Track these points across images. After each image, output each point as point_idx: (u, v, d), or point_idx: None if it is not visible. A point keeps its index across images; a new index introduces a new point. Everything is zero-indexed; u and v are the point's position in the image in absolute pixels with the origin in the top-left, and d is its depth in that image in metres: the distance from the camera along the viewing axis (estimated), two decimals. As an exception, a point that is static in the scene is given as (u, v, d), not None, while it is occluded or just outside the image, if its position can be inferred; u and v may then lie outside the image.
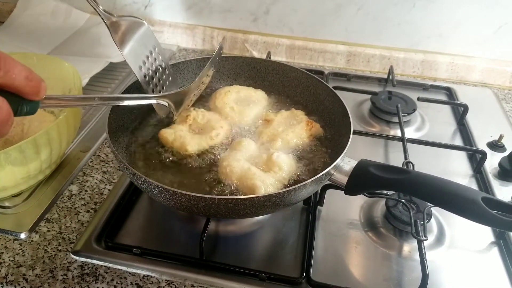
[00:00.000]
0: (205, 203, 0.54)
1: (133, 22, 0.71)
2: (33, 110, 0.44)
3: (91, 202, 0.74)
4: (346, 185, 0.61)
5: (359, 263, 0.66)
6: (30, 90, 0.41)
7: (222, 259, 0.64)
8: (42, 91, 0.43)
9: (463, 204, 0.53)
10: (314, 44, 1.21)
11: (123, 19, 0.70)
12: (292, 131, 0.73)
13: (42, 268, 0.63)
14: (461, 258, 0.68)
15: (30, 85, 0.41)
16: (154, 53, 0.75)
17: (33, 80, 0.41)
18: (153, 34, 0.75)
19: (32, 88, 0.42)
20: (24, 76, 0.40)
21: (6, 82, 0.39)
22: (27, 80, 0.41)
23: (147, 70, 0.72)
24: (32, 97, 0.42)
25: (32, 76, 0.41)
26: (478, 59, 1.16)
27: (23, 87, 0.41)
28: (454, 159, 0.88)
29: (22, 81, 0.40)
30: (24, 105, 0.42)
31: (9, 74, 0.39)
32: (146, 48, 0.73)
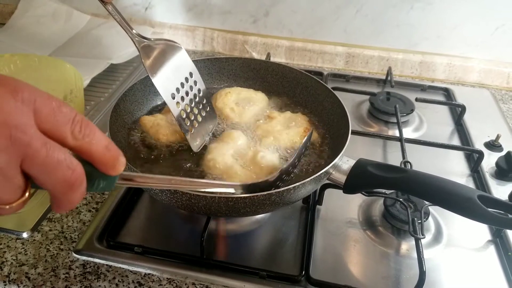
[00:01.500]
0: (206, 202, 0.55)
1: (168, 46, 0.66)
2: (109, 187, 0.39)
3: (93, 201, 0.75)
4: (345, 184, 0.62)
5: (358, 261, 0.67)
6: (107, 161, 0.37)
7: (222, 257, 0.65)
8: (120, 166, 0.38)
9: (459, 202, 0.54)
10: (313, 46, 1.22)
11: (157, 43, 0.65)
12: (286, 132, 0.74)
13: (45, 266, 0.64)
14: (458, 256, 0.69)
15: (108, 155, 0.37)
16: (190, 80, 0.69)
17: (112, 151, 0.37)
18: (190, 60, 0.70)
19: (110, 160, 0.37)
20: (103, 145, 0.36)
21: (83, 147, 0.35)
22: (105, 150, 0.36)
23: (181, 99, 0.66)
24: (108, 170, 0.37)
25: (111, 147, 0.37)
26: (476, 60, 1.17)
27: (101, 157, 0.36)
28: (451, 158, 0.89)
29: (100, 149, 0.36)
30: (101, 180, 0.38)
31: (89, 139, 0.35)
32: (181, 75, 0.67)
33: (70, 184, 0.34)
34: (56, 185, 0.34)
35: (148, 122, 0.76)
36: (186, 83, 0.68)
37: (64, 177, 0.33)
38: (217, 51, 1.28)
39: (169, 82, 0.65)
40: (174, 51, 0.67)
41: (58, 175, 0.33)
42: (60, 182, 0.34)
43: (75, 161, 0.34)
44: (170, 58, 0.66)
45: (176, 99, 0.66)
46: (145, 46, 0.65)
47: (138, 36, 0.65)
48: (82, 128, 0.35)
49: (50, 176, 0.33)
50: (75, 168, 0.34)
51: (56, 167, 0.33)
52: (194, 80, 0.70)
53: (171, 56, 0.66)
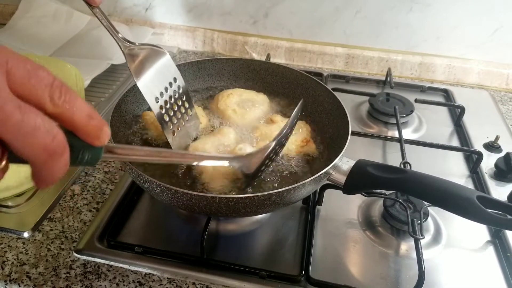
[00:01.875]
0: (206, 202, 0.55)
1: (153, 51, 0.67)
2: (94, 160, 0.36)
3: (93, 201, 0.75)
4: (344, 184, 0.62)
5: (357, 261, 0.67)
6: (91, 130, 0.34)
7: (222, 257, 0.65)
8: (105, 136, 0.35)
9: (458, 202, 0.55)
10: (313, 47, 1.22)
11: (142, 48, 0.66)
12: None
13: (45, 266, 0.64)
14: (457, 256, 0.69)
15: (91, 124, 0.34)
16: (174, 85, 0.70)
17: (96, 119, 0.35)
18: (174, 65, 0.70)
19: (93, 129, 0.34)
20: (86, 112, 0.34)
21: (64, 115, 0.33)
22: (88, 118, 0.34)
23: (164, 103, 0.68)
24: (91, 139, 0.35)
25: (95, 115, 0.35)
26: (475, 61, 1.17)
27: (83, 126, 0.34)
28: (451, 159, 0.89)
29: (83, 117, 0.34)
30: (85, 152, 0.35)
31: (69, 106, 0.33)
32: (165, 79, 0.69)
33: (51, 151, 0.31)
34: (34, 153, 0.31)
35: (150, 118, 0.77)
36: (170, 88, 0.70)
37: (44, 144, 0.31)
38: (217, 52, 1.28)
39: (153, 85, 0.66)
40: (158, 56, 0.68)
41: (36, 142, 0.30)
42: (39, 150, 0.31)
43: (55, 127, 0.32)
44: (154, 63, 0.67)
45: (160, 103, 0.67)
46: (131, 51, 0.66)
47: (124, 40, 0.66)
48: (62, 93, 0.32)
49: (27, 142, 0.30)
50: (56, 134, 0.32)
51: (33, 132, 0.30)
52: (178, 85, 0.71)
53: (155, 60, 0.67)
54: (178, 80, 0.71)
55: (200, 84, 0.89)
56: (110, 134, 0.37)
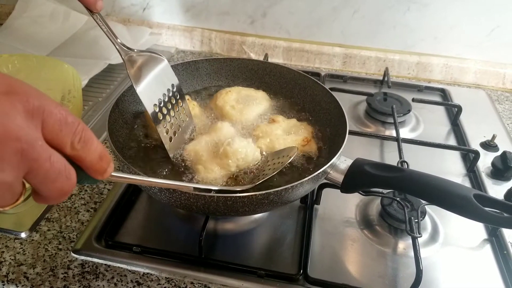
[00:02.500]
0: (204, 201, 0.55)
1: (151, 57, 0.68)
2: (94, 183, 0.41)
3: (91, 201, 0.75)
4: (342, 183, 0.62)
5: (355, 260, 0.67)
6: (99, 169, 0.38)
7: (221, 256, 0.65)
8: (109, 172, 0.39)
9: (455, 201, 0.55)
10: (310, 46, 1.22)
11: (141, 54, 0.67)
12: (284, 138, 0.74)
13: (43, 266, 0.64)
14: (454, 255, 0.69)
15: (100, 165, 0.38)
16: (172, 91, 0.71)
17: (104, 160, 0.38)
18: (172, 71, 0.72)
19: (101, 168, 0.38)
20: (98, 154, 0.37)
21: (79, 156, 0.36)
22: (99, 159, 0.37)
23: (161, 109, 0.68)
24: (96, 176, 0.38)
25: (105, 155, 0.38)
26: (472, 61, 1.18)
27: (94, 165, 0.37)
28: (448, 158, 0.89)
29: (94, 159, 0.37)
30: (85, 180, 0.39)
31: (86, 149, 0.36)
32: (163, 86, 0.69)
33: (65, 192, 0.35)
34: (52, 192, 0.35)
35: None
36: (168, 94, 0.71)
37: (61, 186, 0.35)
38: (215, 51, 1.28)
39: (152, 92, 0.67)
40: (157, 63, 0.69)
41: (56, 185, 0.34)
42: (56, 191, 0.35)
43: (72, 170, 0.36)
44: (153, 69, 0.68)
45: (158, 110, 0.68)
46: (130, 57, 0.66)
47: (123, 46, 0.66)
48: (81, 138, 0.35)
49: (49, 185, 0.34)
50: (71, 177, 0.35)
51: (56, 178, 0.34)
52: (175, 91, 0.72)
53: (154, 67, 0.68)
54: (176, 86, 0.72)
55: (198, 84, 0.89)
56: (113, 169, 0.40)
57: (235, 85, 0.88)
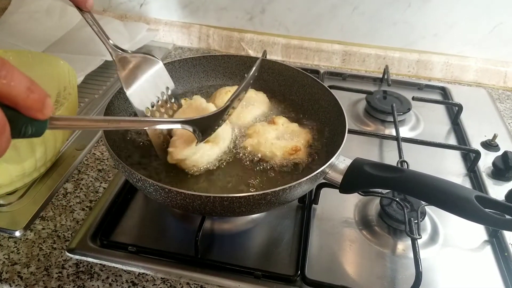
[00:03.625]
0: (201, 201, 0.54)
1: (145, 59, 0.65)
2: (40, 132, 0.36)
3: (86, 200, 0.74)
4: (341, 183, 0.61)
5: (354, 261, 0.67)
6: (31, 104, 0.34)
7: (217, 257, 0.65)
8: (47, 108, 0.35)
9: (456, 202, 0.54)
10: (309, 43, 1.21)
11: (135, 55, 0.64)
12: (272, 143, 0.70)
13: (37, 266, 0.63)
14: (454, 256, 0.68)
15: (32, 98, 0.33)
16: (166, 94, 0.68)
17: (36, 92, 0.34)
18: (167, 74, 0.68)
19: (34, 102, 0.34)
20: (25, 86, 0.33)
21: (2, 89, 0.32)
22: (28, 91, 0.33)
23: (154, 113, 0.66)
24: (34, 113, 0.34)
25: (35, 87, 0.34)
26: (473, 59, 1.17)
27: (23, 100, 0.33)
28: (448, 158, 0.88)
29: (22, 91, 0.33)
30: (29, 125, 0.35)
31: (6, 80, 0.32)
32: (157, 89, 0.66)
33: None
34: None
35: None
36: (162, 98, 0.68)
37: None
38: (213, 48, 1.27)
39: (144, 95, 0.64)
40: (151, 65, 0.66)
41: None
42: None
43: None
44: (146, 72, 0.65)
45: (151, 114, 0.65)
46: (122, 58, 0.64)
47: (115, 47, 0.64)
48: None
49: None
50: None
51: None
52: (170, 94, 0.69)
53: (147, 69, 0.65)
54: (171, 90, 0.69)
55: (195, 82, 0.88)
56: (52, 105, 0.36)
57: (233, 83, 0.87)
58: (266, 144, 0.70)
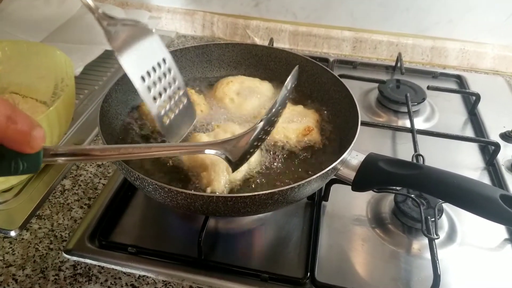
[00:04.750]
0: (203, 202, 0.51)
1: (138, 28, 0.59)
2: (34, 168, 0.32)
3: (85, 197, 0.71)
4: (354, 181, 0.57)
5: (366, 261, 0.63)
6: (13, 135, 0.29)
7: (221, 258, 0.61)
8: (35, 140, 0.30)
9: (480, 202, 0.50)
10: (318, 30, 1.16)
11: (126, 23, 0.58)
12: (283, 127, 0.68)
13: (33, 267, 0.60)
14: (473, 256, 0.64)
15: (13, 128, 0.29)
16: (164, 66, 0.62)
17: (19, 122, 0.29)
18: (163, 44, 0.62)
19: (17, 134, 0.29)
20: (4, 115, 0.28)
21: None
22: (9, 122, 0.29)
23: (153, 84, 0.59)
24: (18, 146, 0.30)
25: (18, 117, 0.29)
26: (490, 45, 1.11)
27: (3, 131, 0.28)
28: (465, 150, 0.84)
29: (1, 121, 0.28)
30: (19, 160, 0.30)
31: None
32: (152, 58, 0.60)
33: None
34: None
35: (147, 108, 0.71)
36: (159, 69, 0.61)
37: None
38: (217, 36, 1.22)
39: (139, 62, 0.57)
40: (144, 34, 0.59)
41: None
42: None
43: None
44: (140, 40, 0.58)
45: (147, 83, 0.58)
46: (112, 27, 0.57)
47: (104, 16, 0.57)
48: None
49: None
50: None
51: None
52: (167, 67, 0.62)
53: (141, 38, 0.59)
54: (168, 62, 0.62)
55: (198, 71, 0.83)
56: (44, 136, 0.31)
57: (238, 73, 0.83)
58: (278, 130, 0.68)
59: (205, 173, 0.59)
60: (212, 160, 0.59)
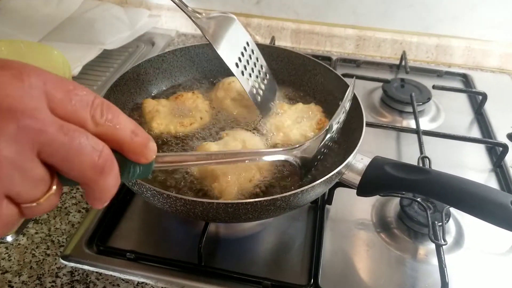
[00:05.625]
0: (203, 208, 0.49)
1: (223, 17, 0.67)
2: (147, 173, 0.36)
3: (83, 201, 0.69)
4: (359, 185, 0.55)
5: (371, 267, 0.61)
6: (135, 147, 0.33)
7: (222, 264, 0.60)
8: (150, 153, 0.34)
9: (490, 208, 0.48)
10: (321, 28, 1.14)
11: (212, 16, 0.65)
12: (297, 127, 0.68)
13: (30, 274, 0.59)
14: (481, 261, 0.63)
15: (136, 141, 0.33)
16: (248, 49, 0.69)
17: (140, 136, 0.33)
18: (244, 30, 0.70)
19: (138, 146, 0.33)
20: (130, 129, 0.32)
21: (108, 133, 0.31)
22: (133, 135, 0.33)
23: (244, 67, 0.67)
24: (137, 157, 0.34)
25: (139, 131, 0.33)
26: (496, 43, 1.09)
27: (128, 143, 0.32)
28: (471, 151, 0.82)
29: (126, 135, 0.32)
30: (136, 166, 0.34)
31: (112, 124, 0.31)
32: (239, 44, 0.67)
33: (99, 168, 0.30)
34: (83, 172, 0.29)
35: (148, 106, 0.71)
36: (245, 52, 0.68)
37: (91, 162, 0.29)
38: (219, 34, 1.20)
39: (232, 51, 0.65)
40: (229, 22, 0.67)
41: (84, 160, 0.29)
42: (87, 168, 0.29)
43: (100, 143, 0.30)
44: (227, 30, 0.66)
45: (240, 68, 0.66)
46: (203, 21, 0.64)
47: (193, 11, 0.65)
48: (103, 112, 0.31)
49: (74, 162, 0.29)
50: (102, 149, 0.30)
51: (79, 151, 0.29)
52: (251, 49, 0.70)
53: (228, 27, 0.66)
54: (251, 44, 0.70)
55: (198, 71, 0.82)
56: (156, 149, 0.35)
57: (239, 73, 0.81)
58: (293, 132, 0.68)
59: (216, 184, 0.57)
60: (223, 171, 0.58)
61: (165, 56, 0.77)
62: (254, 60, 0.70)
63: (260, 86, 0.70)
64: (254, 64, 0.69)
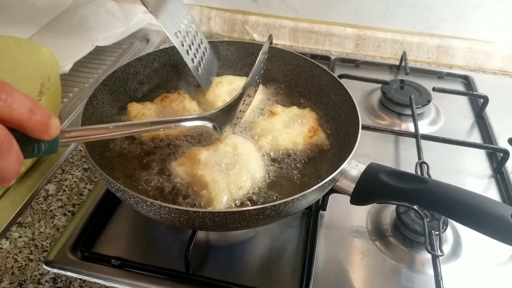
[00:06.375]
0: (188, 216, 0.47)
1: None
2: (54, 149, 0.36)
3: (69, 203, 0.67)
4: (353, 193, 0.53)
5: (365, 277, 0.59)
6: (34, 125, 0.33)
7: (211, 273, 0.57)
8: (52, 129, 0.35)
9: (489, 221, 0.46)
10: (320, 27, 1.11)
11: None
12: (288, 132, 0.65)
13: (11, 280, 0.57)
14: (479, 272, 0.61)
15: (34, 119, 0.33)
16: (188, 22, 0.70)
17: (39, 114, 0.33)
18: (185, 5, 0.71)
19: (37, 124, 0.33)
20: (27, 107, 0.33)
21: (3, 112, 0.31)
22: (30, 113, 0.33)
23: (184, 39, 0.68)
24: (38, 134, 0.34)
25: (37, 109, 0.33)
26: (499, 44, 1.06)
27: (26, 121, 0.33)
28: (471, 156, 0.80)
29: (24, 113, 0.32)
30: (40, 143, 0.35)
31: (7, 103, 0.31)
32: (180, 16, 0.69)
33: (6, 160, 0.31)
34: None
35: (133, 110, 0.68)
36: (184, 25, 0.70)
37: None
38: (215, 32, 1.18)
39: (171, 21, 0.66)
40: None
41: None
42: None
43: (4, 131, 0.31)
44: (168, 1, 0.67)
45: (180, 38, 0.67)
46: None
47: None
48: None
49: None
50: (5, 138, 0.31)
51: None
52: (190, 22, 0.71)
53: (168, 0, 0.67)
54: (190, 18, 0.71)
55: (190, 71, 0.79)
56: (59, 124, 0.36)
57: (233, 73, 0.79)
58: (283, 136, 0.65)
59: (205, 191, 0.55)
60: (213, 177, 0.55)
61: (156, 55, 0.74)
62: (194, 33, 0.71)
63: (200, 59, 0.71)
64: (194, 37, 0.71)
